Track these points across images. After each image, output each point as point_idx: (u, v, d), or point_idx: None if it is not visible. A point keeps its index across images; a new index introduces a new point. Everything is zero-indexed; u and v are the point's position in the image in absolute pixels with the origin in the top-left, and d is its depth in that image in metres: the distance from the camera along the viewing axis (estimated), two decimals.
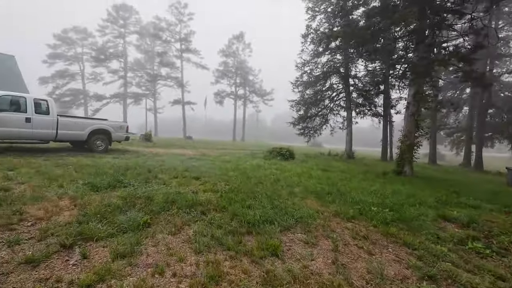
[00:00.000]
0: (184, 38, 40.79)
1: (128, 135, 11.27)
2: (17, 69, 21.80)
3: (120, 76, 44.29)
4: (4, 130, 7.69)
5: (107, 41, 42.30)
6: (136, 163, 7.68)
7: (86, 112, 44.39)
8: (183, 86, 42.24)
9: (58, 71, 43.46)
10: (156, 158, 9.60)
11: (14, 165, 5.93)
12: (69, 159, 7.68)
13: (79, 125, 9.48)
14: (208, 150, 17.47)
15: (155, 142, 19.01)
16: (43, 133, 8.52)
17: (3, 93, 7.85)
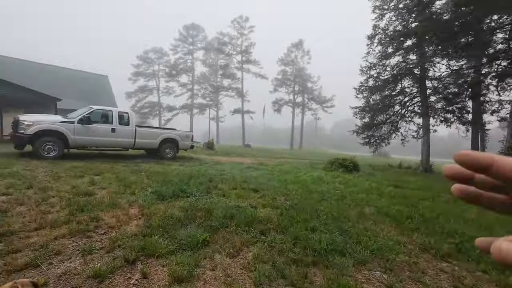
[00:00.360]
0: (245, 50, 42.66)
1: (193, 144, 12.00)
2: (109, 86, 26.10)
3: (188, 88, 48.84)
4: (96, 139, 8.99)
5: (178, 58, 47.41)
6: (199, 171, 7.98)
7: (160, 122, 50.19)
8: (243, 96, 43.96)
9: (139, 87, 50.54)
10: (217, 166, 9.89)
11: (100, 171, 6.78)
12: (143, 165, 8.48)
13: (152, 135, 10.49)
14: (266, 158, 17.43)
15: (216, 150, 19.97)
16: (124, 141, 9.68)
17: (96, 108, 9.22)
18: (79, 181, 5.49)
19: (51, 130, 8.08)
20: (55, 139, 8.18)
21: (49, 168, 6.57)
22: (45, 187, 4.69)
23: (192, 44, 47.77)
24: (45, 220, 3.11)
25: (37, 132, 7.82)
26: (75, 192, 4.45)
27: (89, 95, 22.18)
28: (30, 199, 3.94)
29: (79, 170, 6.71)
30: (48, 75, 21.46)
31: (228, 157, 16.65)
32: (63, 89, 21.19)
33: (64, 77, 22.58)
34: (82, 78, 24.01)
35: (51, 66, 22.86)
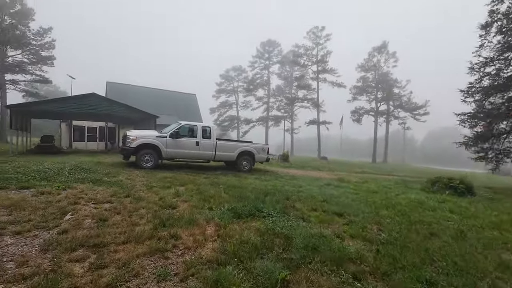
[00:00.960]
0: (321, 59, 41.51)
1: (268, 157, 11.89)
2: (196, 103, 29.45)
3: (264, 102, 50.67)
4: (183, 151, 9.86)
5: (255, 74, 50.05)
6: (275, 187, 7.64)
7: (238, 134, 53.52)
8: (319, 106, 42.53)
9: (221, 103, 55.49)
10: (293, 181, 9.38)
11: (185, 182, 7.24)
12: (221, 178, 8.74)
13: (230, 147, 10.86)
14: (345, 173, 15.89)
15: (291, 163, 19.50)
16: (206, 154, 10.31)
17: (184, 123, 10.17)
18: (166, 192, 5.88)
19: (149, 144, 9.27)
20: (151, 152, 9.33)
21: (145, 178, 7.41)
22: (139, 197, 5.15)
23: (268, 59, 49.74)
24: (132, 234, 3.24)
25: (139, 145, 9.09)
26: (161, 204, 4.70)
27: (181, 112, 25.48)
28: (125, 209, 4.32)
29: (167, 180, 7.33)
30: (150, 96, 25.92)
31: (303, 170, 15.93)
32: (161, 107, 25.05)
33: (162, 97, 26.81)
34: (175, 97, 28.00)
35: (152, 89, 27.63)
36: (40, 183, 5.44)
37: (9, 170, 6.29)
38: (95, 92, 13.70)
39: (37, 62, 25.95)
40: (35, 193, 4.82)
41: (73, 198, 4.69)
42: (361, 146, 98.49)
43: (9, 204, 4.04)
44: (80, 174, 6.80)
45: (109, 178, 6.90)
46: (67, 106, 12.86)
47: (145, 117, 15.77)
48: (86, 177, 6.52)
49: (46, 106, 12.86)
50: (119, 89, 24.61)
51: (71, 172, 6.86)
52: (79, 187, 5.53)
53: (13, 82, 25.61)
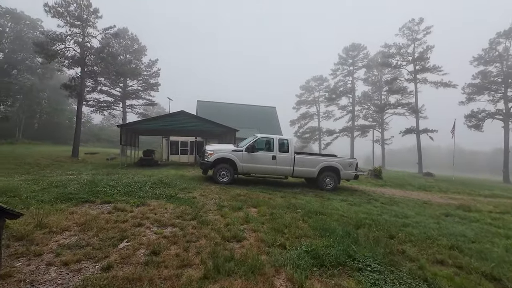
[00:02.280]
0: (419, 57, 35.15)
1: (357, 173, 9.95)
2: (276, 116, 29.35)
3: (348, 110, 46.65)
4: (259, 166, 9.19)
5: (337, 82, 46.86)
6: (369, 215, 5.90)
7: (320, 146, 50.86)
8: (418, 112, 35.80)
9: (301, 114, 54.31)
10: (393, 208, 7.26)
11: (258, 202, 6.39)
12: (300, 198, 7.53)
13: (311, 162, 9.55)
14: (466, 196, 11.95)
15: (385, 180, 16.35)
16: (283, 169, 9.33)
17: (260, 136, 9.55)
18: (236, 215, 5.14)
19: (225, 158, 9.02)
20: (228, 166, 9.03)
21: (218, 195, 6.97)
22: (205, 220, 4.55)
23: (352, 65, 45.80)
24: (177, 282, 2.47)
25: (216, 159, 8.93)
26: (224, 235, 3.90)
27: (261, 125, 25.80)
28: (185, 237, 3.71)
29: (240, 199, 6.68)
30: (233, 111, 27.43)
31: (403, 190, 12.89)
32: (242, 121, 26.03)
33: (243, 111, 27.97)
34: (255, 111, 28.75)
35: (235, 104, 29.26)
36: (121, 198, 5.60)
37: (103, 183, 6.94)
38: (183, 110, 15.08)
39: (147, 89, 31.82)
40: (112, 209, 4.85)
41: (140, 218, 4.46)
42: (479, 159, 77.94)
43: (83, 221, 4.02)
44: (159, 189, 6.91)
45: (184, 194, 6.75)
46: (160, 123, 14.57)
47: (226, 131, 16.28)
48: (163, 192, 6.52)
49: (145, 124, 14.89)
50: (207, 106, 27.11)
51: (152, 187, 7.07)
52: (152, 204, 5.41)
53: (131, 107, 32.19)
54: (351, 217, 5.56)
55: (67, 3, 19.02)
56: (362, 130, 46.89)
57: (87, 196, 5.52)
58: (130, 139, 16.22)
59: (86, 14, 19.79)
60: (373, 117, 46.11)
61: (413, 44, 36.33)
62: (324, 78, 52.82)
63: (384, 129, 44.75)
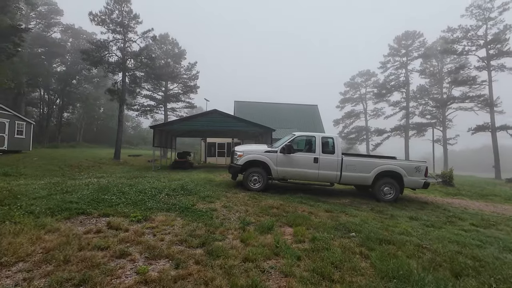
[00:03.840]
0: (493, 39, 29.35)
1: (428, 181, 7.66)
2: (318, 114, 27.06)
3: (401, 107, 41.63)
4: (297, 170, 7.60)
5: (388, 75, 42.22)
6: (463, 246, 3.90)
7: (367, 147, 46.43)
8: (493, 105, 29.89)
9: (346, 113, 50.48)
10: (491, 232, 5.01)
11: (294, 219, 4.85)
12: (352, 213, 5.73)
13: (364, 166, 7.60)
14: None
15: (458, 188, 13.19)
16: (328, 174, 7.59)
17: (298, 134, 7.95)
18: (261, 241, 3.69)
19: (257, 161, 7.63)
20: (260, 170, 7.63)
21: (245, 207, 5.61)
22: (217, 249, 3.20)
23: (406, 55, 40.63)
24: None
25: (246, 162, 7.61)
26: (236, 284, 2.48)
27: (302, 124, 23.91)
28: (175, 284, 2.40)
29: (272, 213, 5.22)
30: (272, 111, 26.00)
31: (487, 202, 9.97)
32: (282, 121, 24.45)
33: (283, 110, 26.34)
34: (295, 110, 26.85)
35: (273, 104, 27.76)
36: (123, 210, 4.58)
37: (116, 189, 6.12)
38: (216, 109, 14.21)
39: (187, 91, 32.40)
40: (103, 226, 3.81)
41: (131, 242, 3.31)
42: None
43: (53, 246, 3.00)
44: (176, 197, 5.82)
45: (203, 204, 5.55)
46: (194, 124, 13.88)
47: (263, 131, 14.96)
48: (178, 202, 5.39)
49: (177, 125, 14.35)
50: (245, 106, 26.17)
51: (169, 194, 6.03)
52: (157, 219, 4.26)
53: (172, 110, 33.09)
54: (437, 250, 3.67)
55: (110, 10, 20.02)
56: (419, 129, 41.41)
57: (87, 206, 4.63)
58: (165, 141, 15.96)
59: (127, 20, 20.58)
60: (432, 114, 40.34)
61: (485, 25, 30.62)
62: (372, 73, 48.33)
63: (447, 126, 38.71)
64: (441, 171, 14.93)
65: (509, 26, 29.11)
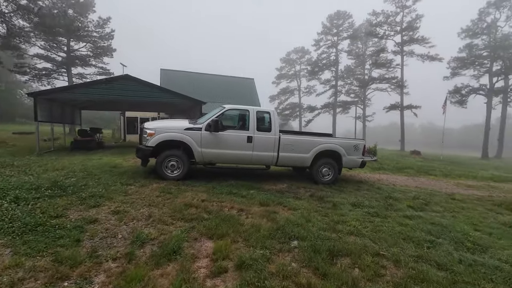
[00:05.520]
0: (407, 26, 32.67)
1: (365, 159, 7.26)
2: (254, 89, 25.87)
3: (331, 85, 44.10)
4: (228, 152, 6.14)
5: (320, 53, 43.56)
6: (419, 245, 3.19)
7: (300, 124, 48.52)
8: (402, 87, 34.05)
9: (281, 89, 51.20)
10: (427, 215, 4.65)
11: (220, 222, 3.47)
12: (291, 204, 4.67)
13: (303, 145, 6.66)
14: (477, 181, 9.91)
15: (380, 162, 14.11)
16: (264, 156, 6.38)
17: (229, 108, 6.39)
18: (154, 282, 2.15)
19: (174, 141, 5.83)
20: (179, 153, 5.89)
21: (148, 210, 3.91)
22: None
23: (337, 35, 42.40)
24: None
25: (159, 143, 5.72)
26: None
27: (237, 99, 22.34)
28: None
29: (188, 217, 3.71)
30: (204, 82, 23.52)
31: (405, 175, 10.67)
32: (215, 94, 22.40)
33: (216, 83, 24.11)
34: (231, 83, 24.96)
35: (206, 75, 25.12)
36: None
37: None
38: (128, 74, 11.29)
39: (100, 54, 26.47)
40: None
41: None
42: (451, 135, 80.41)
43: None
44: (29, 204, 3.67)
45: (79, 211, 3.61)
46: (97, 92, 10.71)
47: (193, 104, 12.84)
48: (25, 214, 3.30)
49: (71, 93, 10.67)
50: (173, 76, 22.82)
51: (20, 197, 3.80)
52: None
53: (80, 76, 26.78)
54: (398, 259, 2.81)
55: None
56: (344, 107, 45.00)
57: None
58: (61, 114, 12.24)
59: None
60: (356, 93, 44.11)
61: (402, 12, 33.64)
62: (306, 50, 49.41)
63: (366, 105, 43.10)
64: (368, 147, 15.83)
65: (420, 15, 32.72)
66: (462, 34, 33.49)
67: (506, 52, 29.90)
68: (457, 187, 8.73)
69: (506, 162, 27.45)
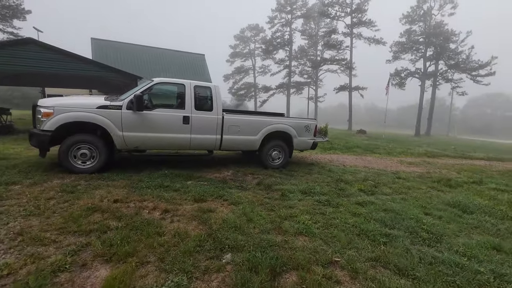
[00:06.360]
0: (357, 8, 33.46)
1: (316, 140, 6.83)
2: (205, 65, 24.02)
3: (285, 65, 43.88)
4: (158, 136, 5.02)
5: (275, 32, 42.55)
6: (370, 240, 2.72)
7: (255, 104, 47.92)
8: (351, 68, 35.47)
9: (236, 68, 49.33)
10: (376, 201, 4.36)
11: (126, 235, 2.51)
12: (233, 197, 3.90)
13: (251, 126, 5.87)
14: (415, 158, 10.57)
15: (330, 141, 14.30)
16: (204, 139, 5.42)
17: (159, 81, 5.17)
18: None
19: (83, 123, 4.47)
20: (92, 139, 4.58)
21: (21, 223, 2.74)
22: None
23: (291, 13, 41.68)
24: None
25: (59, 127, 4.31)
26: None
27: (185, 75, 20.38)
28: None
29: (84, 231, 2.68)
30: (147, 56, 20.83)
31: (354, 154, 10.88)
32: (160, 70, 20.09)
33: (161, 58, 21.59)
34: (179, 58, 22.65)
35: (149, 48, 22.26)
36: None
37: None
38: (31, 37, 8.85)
39: (8, 16, 21.20)
40: None
41: None
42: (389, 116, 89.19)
43: None
44: None
45: None
46: None
47: (124, 79, 10.94)
48: None
49: None
50: (107, 47, 19.56)
51: None
52: None
53: None
54: (354, 268, 2.26)
55: None
56: (298, 87, 45.62)
57: None
58: None
59: None
60: (308, 74, 44.82)
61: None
62: (261, 28, 47.81)
63: (318, 86, 44.28)
64: (320, 127, 15.92)
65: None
66: (403, 19, 35.78)
67: (438, 39, 32.97)
68: (401, 164, 9.07)
69: (434, 138, 31.17)
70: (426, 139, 28.45)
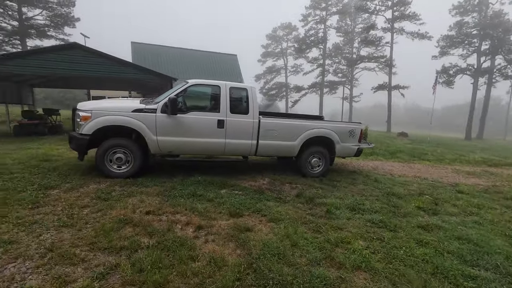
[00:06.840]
0: (398, 1, 31.00)
1: (361, 147, 6.14)
2: (237, 65, 23.98)
3: (319, 64, 42.38)
4: (192, 140, 4.78)
5: (308, 30, 41.25)
6: None
7: (287, 104, 47.07)
8: (391, 66, 33.04)
9: (267, 68, 48.95)
10: (442, 225, 3.61)
11: (158, 258, 2.21)
12: (271, 213, 3.47)
13: (290, 131, 5.40)
14: (473, 167, 9.18)
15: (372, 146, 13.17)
16: (239, 144, 5.07)
17: (193, 82, 4.93)
18: None
19: (119, 126, 4.38)
20: (127, 143, 4.48)
21: (53, 236, 2.60)
22: None
23: (325, 9, 40.05)
24: None
25: (97, 130, 4.26)
26: None
27: (218, 76, 20.52)
28: None
29: (114, 248, 2.43)
30: (183, 58, 21.37)
31: (399, 161, 9.80)
32: (194, 71, 20.45)
33: (196, 59, 21.98)
34: (212, 59, 22.92)
35: (184, 50, 22.79)
36: None
37: None
38: (76, 42, 9.34)
39: (61, 24, 23.18)
40: None
41: None
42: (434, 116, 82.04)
43: None
44: None
45: None
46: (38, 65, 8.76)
47: (160, 80, 11.12)
48: None
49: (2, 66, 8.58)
50: (146, 50, 20.46)
51: None
52: None
53: None
54: None
55: None
56: (331, 87, 43.83)
57: None
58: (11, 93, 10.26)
59: None
60: (343, 73, 42.83)
61: None
62: (293, 27, 46.77)
63: (353, 85, 42.13)
64: None
65: None
66: (453, 11, 32.38)
67: (495, 31, 29.25)
68: (457, 174, 7.92)
69: (488, 143, 27.72)
70: (479, 143, 25.38)
